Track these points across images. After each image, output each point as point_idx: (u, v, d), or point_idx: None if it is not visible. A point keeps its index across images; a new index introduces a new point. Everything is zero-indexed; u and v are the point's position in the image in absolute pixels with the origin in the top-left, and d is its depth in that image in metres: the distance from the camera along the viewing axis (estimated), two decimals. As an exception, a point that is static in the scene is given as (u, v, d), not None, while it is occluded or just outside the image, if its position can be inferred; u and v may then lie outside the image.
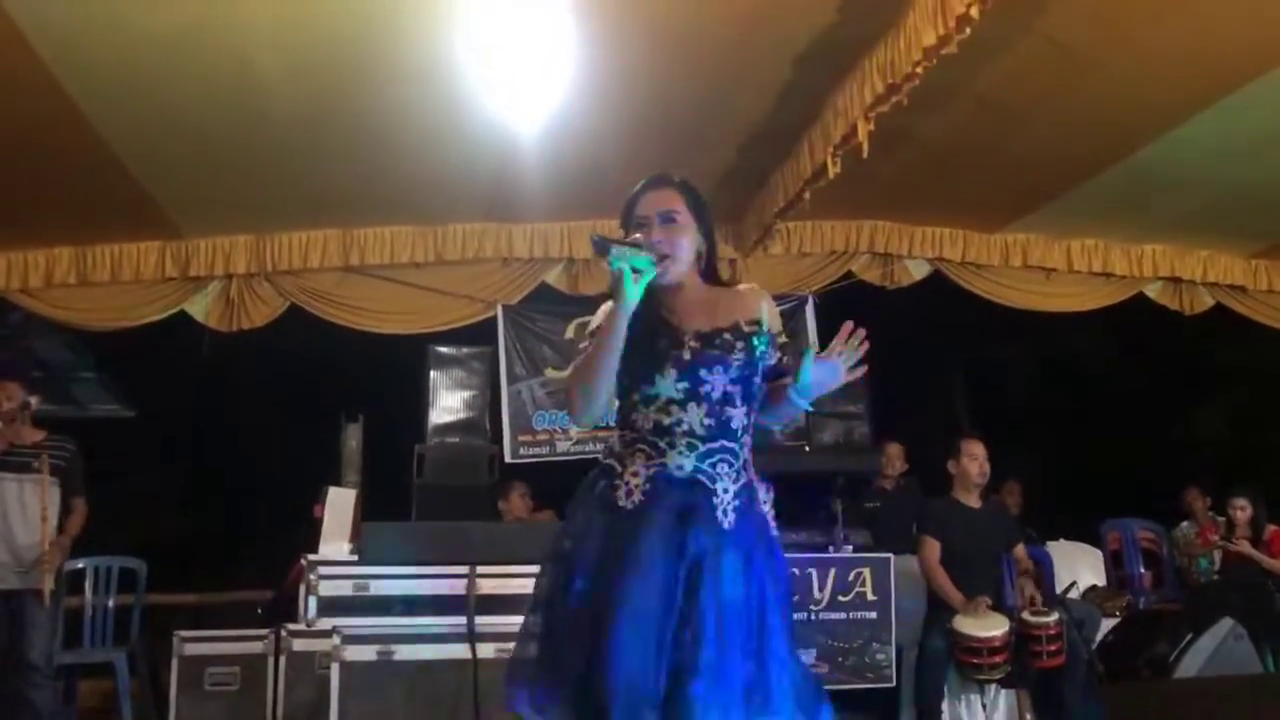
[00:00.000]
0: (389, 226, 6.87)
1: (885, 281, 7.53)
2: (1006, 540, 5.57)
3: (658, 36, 4.62)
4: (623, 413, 2.66)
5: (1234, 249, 7.75)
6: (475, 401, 6.16)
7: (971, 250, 7.45)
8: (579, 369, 2.60)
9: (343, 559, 5.06)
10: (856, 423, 6.13)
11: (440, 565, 4.64)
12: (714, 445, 2.59)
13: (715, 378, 2.58)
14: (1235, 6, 4.33)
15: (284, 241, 6.79)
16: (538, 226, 7.03)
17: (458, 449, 5.96)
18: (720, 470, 2.58)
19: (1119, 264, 7.61)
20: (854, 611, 4.97)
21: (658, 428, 2.59)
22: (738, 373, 2.61)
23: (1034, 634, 4.96)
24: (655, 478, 2.56)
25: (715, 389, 2.58)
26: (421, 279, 7.07)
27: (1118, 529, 7.57)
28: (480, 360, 6.25)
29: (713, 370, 2.58)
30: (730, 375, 2.60)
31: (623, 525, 2.52)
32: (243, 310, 6.87)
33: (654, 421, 2.59)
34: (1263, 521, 6.66)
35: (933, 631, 5.17)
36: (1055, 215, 7.01)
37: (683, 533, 2.51)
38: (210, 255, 6.76)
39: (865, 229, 7.37)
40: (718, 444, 2.59)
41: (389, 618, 4.56)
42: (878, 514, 6.19)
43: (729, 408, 2.60)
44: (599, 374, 2.54)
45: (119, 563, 5.94)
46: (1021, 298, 7.63)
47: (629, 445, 2.61)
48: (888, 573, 5.04)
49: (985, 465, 5.47)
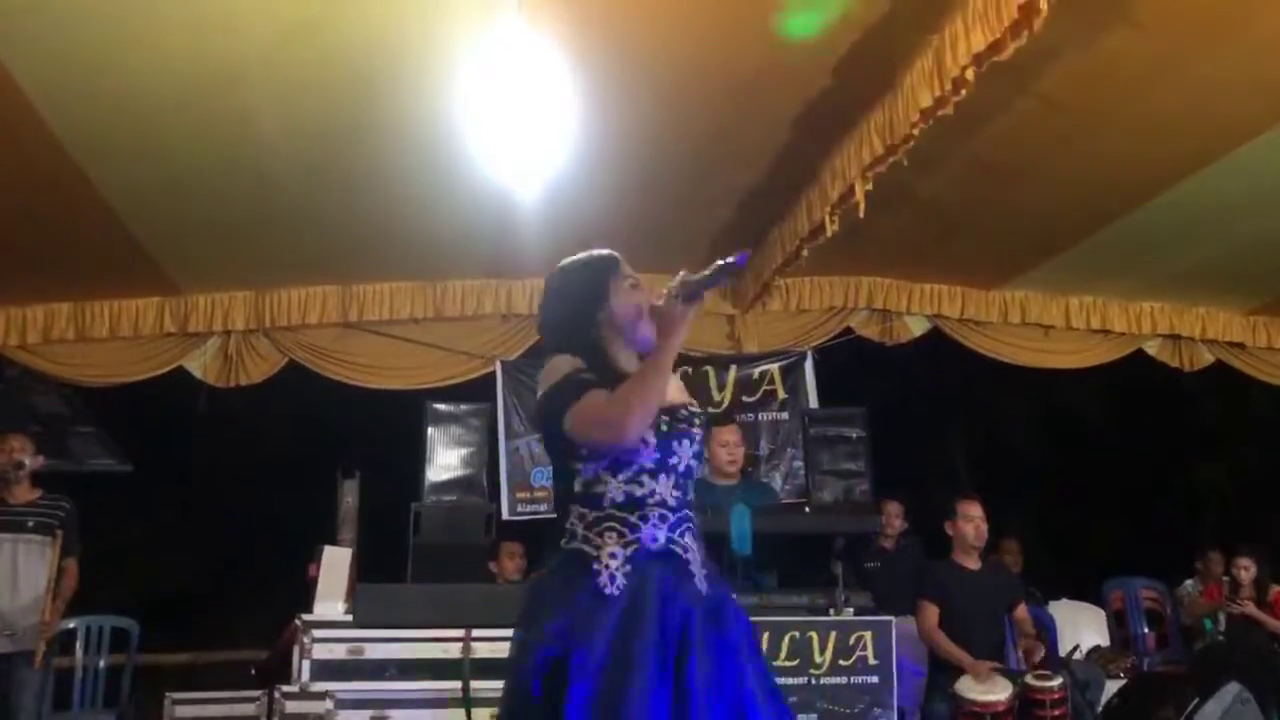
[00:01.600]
0: (388, 282, 6.89)
1: (884, 338, 7.52)
2: (1008, 601, 5.52)
3: (658, 96, 4.66)
4: (580, 488, 2.56)
5: (1232, 306, 7.75)
6: (473, 459, 6.11)
7: (970, 307, 7.46)
8: (637, 387, 2.49)
9: (337, 619, 4.99)
10: (857, 480, 6.08)
11: (435, 629, 4.57)
12: (681, 515, 2.58)
13: (682, 450, 2.59)
14: (1231, 68, 4.37)
15: (283, 297, 6.80)
16: (537, 282, 6.94)
17: (455, 507, 5.90)
18: (687, 540, 2.57)
19: (1117, 321, 7.61)
20: (855, 676, 4.89)
21: (629, 500, 2.54)
22: (699, 448, 2.66)
23: (1038, 698, 4.90)
24: (634, 557, 2.50)
25: (681, 462, 2.59)
26: (420, 335, 7.07)
27: (1121, 588, 7.49)
28: (478, 417, 6.22)
29: (680, 443, 2.59)
30: (693, 450, 2.63)
31: (616, 621, 2.43)
32: (241, 366, 6.87)
33: (625, 494, 2.54)
34: (1267, 581, 6.60)
35: (935, 696, 5.10)
36: (1053, 272, 7.02)
37: (671, 613, 2.46)
38: (209, 311, 6.76)
39: (864, 285, 7.38)
40: (683, 513, 2.59)
41: (383, 682, 4.49)
42: (878, 574, 6.12)
43: (688, 480, 2.62)
44: (658, 392, 2.51)
45: (111, 622, 5.88)
46: (1021, 354, 7.62)
47: (595, 525, 2.53)
48: (889, 636, 4.97)
49: (982, 526, 5.44)
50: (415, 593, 4.92)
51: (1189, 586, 7.54)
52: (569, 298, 2.71)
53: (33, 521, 5.25)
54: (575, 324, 2.67)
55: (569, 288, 2.73)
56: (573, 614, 2.44)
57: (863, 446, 6.12)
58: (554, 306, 2.74)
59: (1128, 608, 7.41)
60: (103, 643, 5.82)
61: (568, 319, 2.69)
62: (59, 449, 7.80)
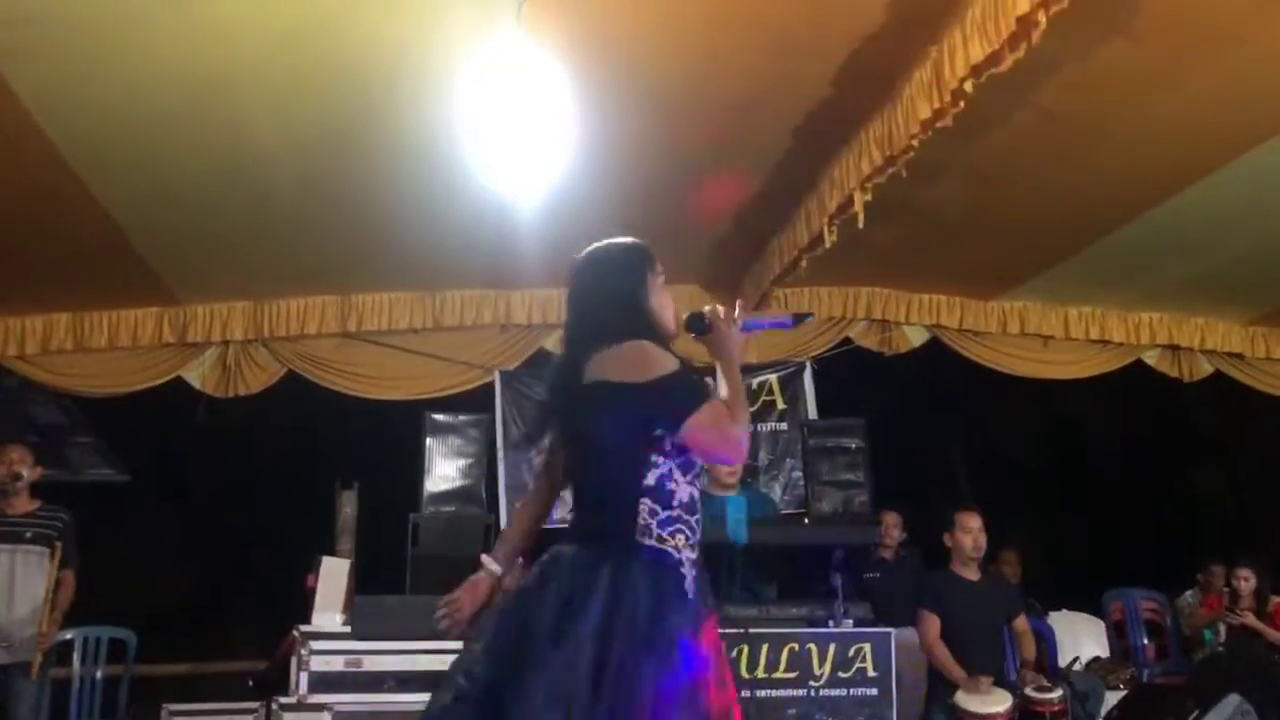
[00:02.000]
0: (387, 293, 6.89)
1: (883, 348, 7.52)
2: (1007, 612, 5.52)
3: (657, 106, 4.66)
4: (654, 481, 2.48)
5: (1231, 316, 7.75)
6: (472, 470, 6.10)
7: (969, 317, 7.46)
8: (743, 409, 2.53)
9: (335, 630, 4.99)
10: (856, 491, 6.05)
11: (434, 640, 4.55)
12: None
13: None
14: (1229, 79, 4.37)
15: (282, 308, 6.80)
16: (536, 293, 7.03)
17: (454, 518, 5.88)
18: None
19: (1116, 331, 7.62)
20: (855, 688, 4.88)
21: (692, 502, 2.53)
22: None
23: (1038, 710, 4.89)
24: (697, 561, 2.51)
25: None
26: (419, 345, 7.07)
27: (1120, 599, 7.48)
28: (477, 428, 6.21)
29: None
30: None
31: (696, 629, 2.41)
32: (239, 376, 6.87)
33: (690, 495, 2.53)
34: (1267, 592, 6.59)
35: (935, 708, 5.09)
36: (1052, 282, 7.02)
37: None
38: (208, 321, 6.77)
39: (863, 295, 7.38)
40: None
41: (381, 694, 4.47)
42: (877, 585, 6.11)
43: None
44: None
45: (108, 633, 5.86)
46: (1020, 364, 7.62)
47: (667, 525, 2.48)
48: (888, 648, 4.96)
49: (980, 538, 5.43)
50: (414, 604, 4.90)
51: (1189, 597, 7.53)
52: (621, 277, 2.63)
53: (31, 533, 5.24)
54: (630, 305, 2.60)
55: (617, 268, 2.66)
56: (692, 626, 2.41)
57: (862, 457, 6.09)
58: (605, 285, 2.63)
59: (1127, 619, 7.40)
60: (100, 653, 5.79)
61: (622, 298, 2.59)
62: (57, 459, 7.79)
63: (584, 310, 2.65)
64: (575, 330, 2.66)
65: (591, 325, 2.59)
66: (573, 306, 2.68)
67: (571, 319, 2.69)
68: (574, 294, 2.67)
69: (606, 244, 2.72)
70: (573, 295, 2.68)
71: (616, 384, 2.46)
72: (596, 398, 2.49)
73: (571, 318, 2.69)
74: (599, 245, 2.72)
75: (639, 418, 2.47)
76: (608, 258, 2.69)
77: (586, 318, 2.62)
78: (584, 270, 2.68)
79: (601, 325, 2.56)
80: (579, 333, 2.63)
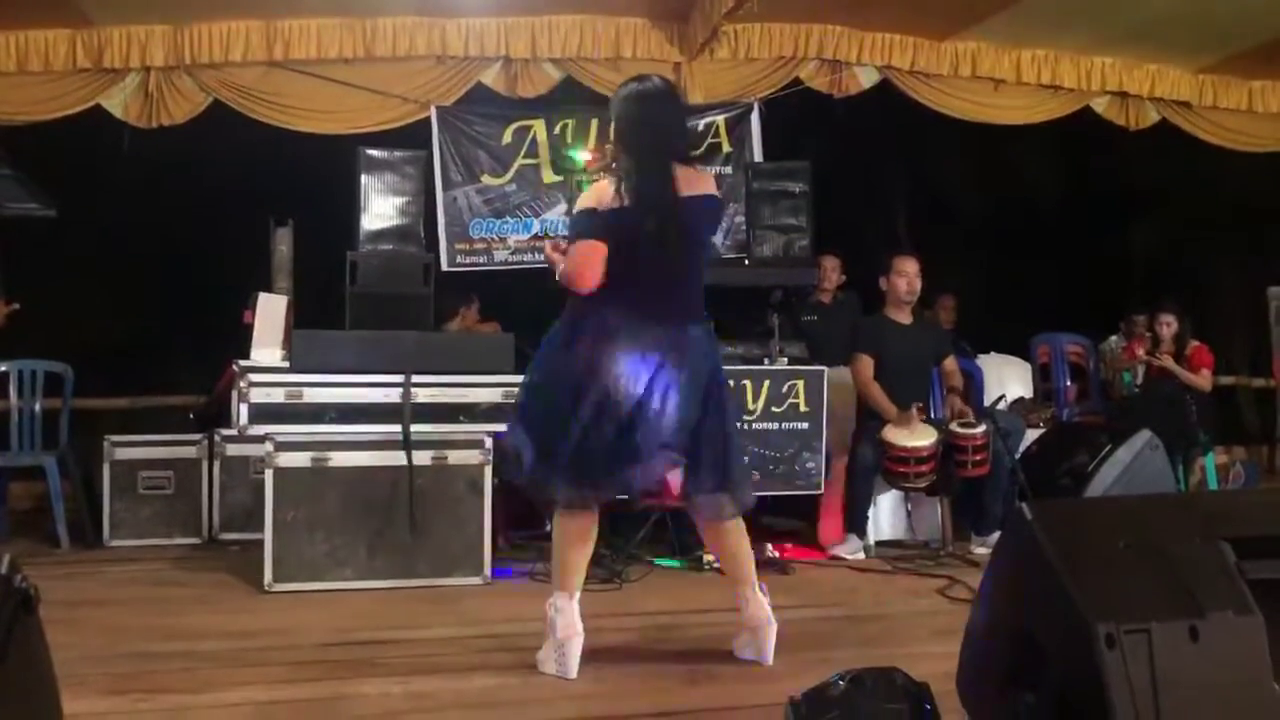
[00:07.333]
0: (315, 19, 6.56)
1: (833, 89, 7.34)
2: (936, 354, 5.65)
3: None
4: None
5: (1182, 64, 7.69)
6: (409, 208, 5.94)
7: (921, 59, 7.32)
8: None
9: (274, 365, 4.99)
10: (797, 235, 6.04)
11: (375, 374, 4.58)
12: None
13: None
14: None
15: (203, 32, 6.47)
16: (473, 22, 6.72)
17: (392, 257, 5.78)
18: None
19: (1067, 76, 7.55)
20: (787, 422, 5.04)
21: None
22: None
23: (961, 444, 5.10)
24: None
25: None
26: (350, 76, 6.78)
27: (1047, 343, 7.70)
28: (413, 165, 6.00)
29: None
30: None
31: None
32: (162, 105, 6.58)
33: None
34: (1187, 337, 6.81)
35: (863, 441, 5.29)
36: (1006, 23, 6.87)
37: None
38: (125, 46, 6.43)
39: (814, 33, 7.15)
40: None
41: (323, 425, 4.52)
42: (815, 327, 6.21)
43: None
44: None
45: (44, 366, 5.81)
46: (969, 108, 7.53)
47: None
48: (820, 385, 5.10)
49: (915, 282, 5.50)
50: (353, 339, 4.90)
51: (1112, 342, 7.79)
52: (684, 110, 3.67)
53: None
54: (688, 133, 3.67)
55: (679, 104, 3.57)
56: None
57: (805, 201, 6.05)
58: (679, 115, 3.46)
59: (1053, 361, 7.65)
60: (36, 386, 5.76)
61: (682, 127, 3.47)
62: (-26, 191, 7.50)
63: (664, 135, 3.28)
64: (661, 151, 3.24)
65: (674, 149, 3.28)
66: (649, 130, 3.25)
67: (650, 139, 3.25)
68: (647, 117, 3.26)
69: (664, 79, 3.44)
70: (645, 118, 3.26)
71: (712, 195, 3.34)
72: (701, 207, 3.29)
73: (650, 138, 3.25)
74: (660, 78, 3.40)
75: (718, 224, 3.86)
76: (674, 92, 3.45)
77: (669, 142, 3.28)
78: (656, 97, 3.30)
79: (676, 149, 3.29)
80: (664, 153, 3.24)
